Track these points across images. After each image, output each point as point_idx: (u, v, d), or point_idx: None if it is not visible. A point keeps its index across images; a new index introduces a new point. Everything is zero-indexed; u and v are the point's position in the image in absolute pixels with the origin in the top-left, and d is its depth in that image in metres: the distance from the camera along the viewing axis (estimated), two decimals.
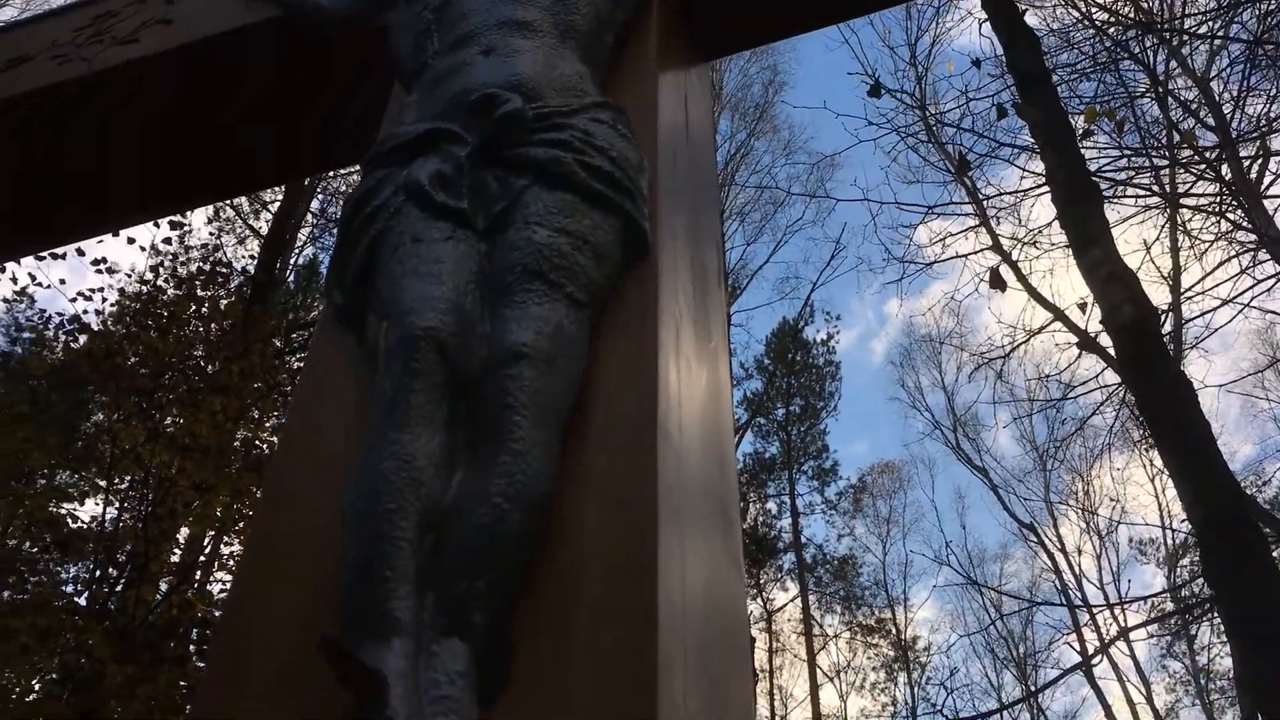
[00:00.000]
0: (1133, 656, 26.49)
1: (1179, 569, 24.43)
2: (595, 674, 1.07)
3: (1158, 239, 13.26)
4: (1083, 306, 7.65)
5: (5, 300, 10.27)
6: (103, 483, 9.72)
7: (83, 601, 8.68)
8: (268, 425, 10.38)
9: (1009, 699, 28.08)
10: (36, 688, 8.95)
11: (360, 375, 1.45)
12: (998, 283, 6.77)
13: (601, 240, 1.46)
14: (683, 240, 1.64)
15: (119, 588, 9.33)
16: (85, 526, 9.44)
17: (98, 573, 9.20)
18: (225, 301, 10.83)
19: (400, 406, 1.25)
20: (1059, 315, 14.25)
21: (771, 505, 27.58)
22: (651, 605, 1.09)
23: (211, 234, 15.45)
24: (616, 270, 1.46)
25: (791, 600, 27.22)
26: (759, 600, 27.17)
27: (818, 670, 26.50)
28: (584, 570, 1.17)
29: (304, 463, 1.44)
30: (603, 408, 1.33)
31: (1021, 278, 15.04)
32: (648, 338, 1.39)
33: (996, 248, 15.01)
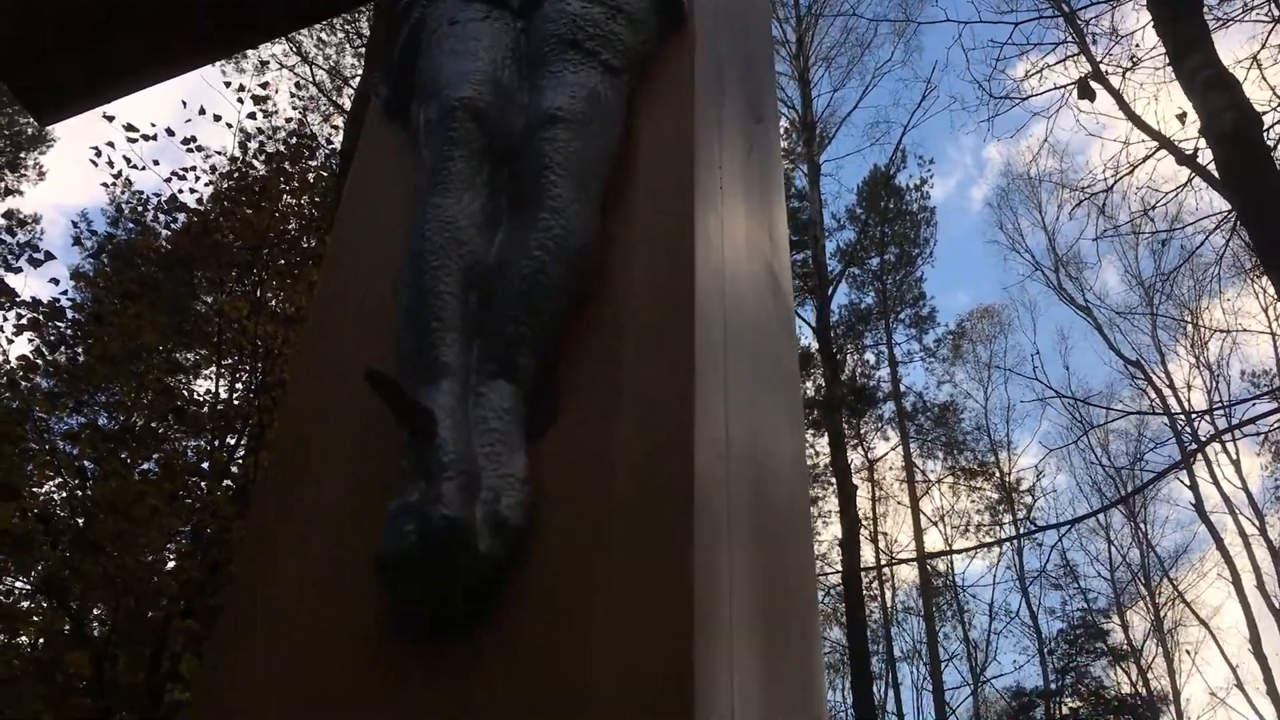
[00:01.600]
0: (1246, 491, 26.12)
1: None
2: (638, 411, 1.10)
3: (1264, 46, 12.50)
4: (1181, 118, 7.30)
5: (104, 185, 10.56)
6: (214, 359, 10.10)
7: (205, 467, 9.13)
8: None
9: (1117, 534, 28.02)
10: (171, 550, 9.51)
11: (407, 168, 1.47)
12: (1086, 92, 6.51)
13: (636, 7, 1.45)
14: (723, 11, 1.62)
15: (239, 456, 9.78)
16: (201, 400, 9.86)
17: (216, 442, 9.63)
18: (313, 175, 10.99)
19: (440, 174, 1.28)
20: (1162, 141, 13.64)
21: (870, 356, 27.48)
22: (689, 339, 1.12)
23: (295, 109, 15.57)
24: (652, 38, 1.46)
25: (893, 449, 27.36)
26: (860, 449, 27.31)
27: (921, 516, 26.73)
28: (625, 325, 1.19)
29: (350, 261, 1.47)
30: (641, 173, 1.34)
31: (1123, 104, 14.42)
32: (684, 105, 1.39)
33: (1096, 74, 14.33)
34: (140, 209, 10.56)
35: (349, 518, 1.15)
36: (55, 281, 13.50)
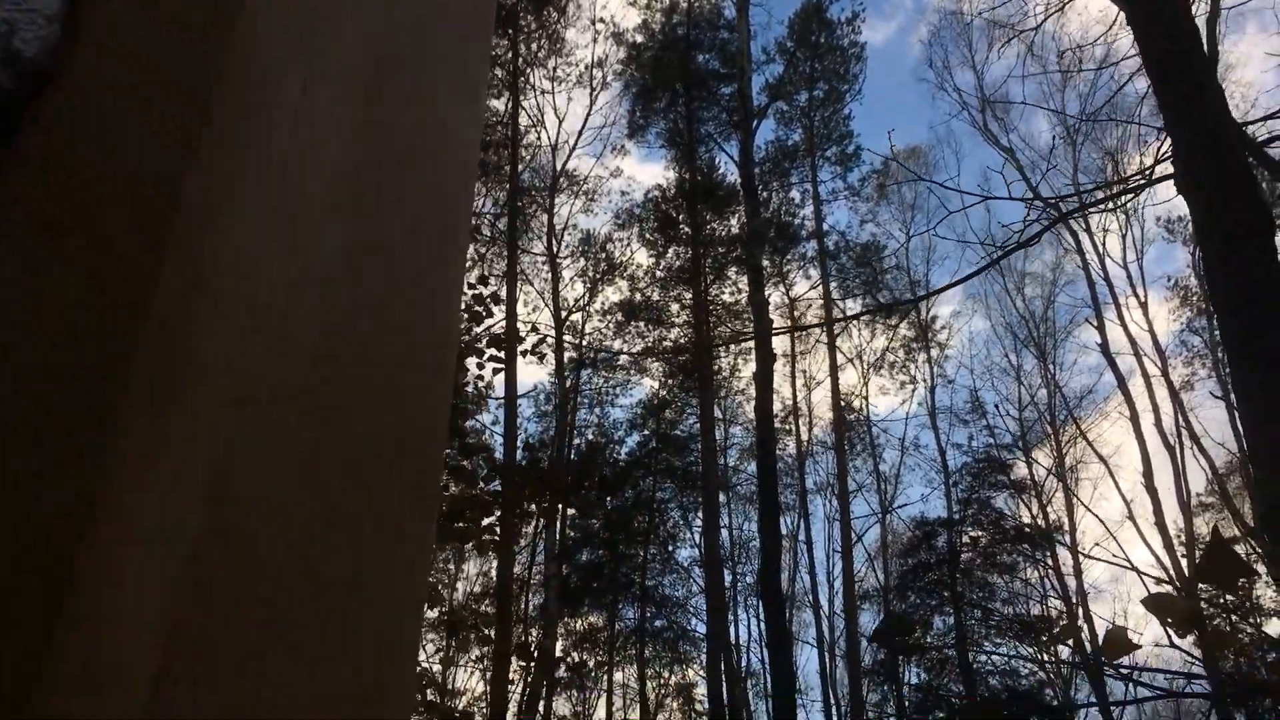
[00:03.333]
0: (1152, 333, 26.88)
1: None
2: None
3: None
4: None
5: None
6: None
7: None
8: None
9: (1028, 376, 28.80)
10: None
11: None
12: None
13: None
14: None
15: None
16: None
17: None
18: None
19: None
20: None
21: (794, 194, 27.39)
22: None
23: None
24: None
25: (813, 287, 27.56)
26: (781, 287, 27.53)
27: (838, 353, 27.18)
28: None
29: None
30: None
31: None
32: None
33: None
34: None
35: None
36: None
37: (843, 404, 27.16)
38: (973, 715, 24.16)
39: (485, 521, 7.78)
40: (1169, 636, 2.80)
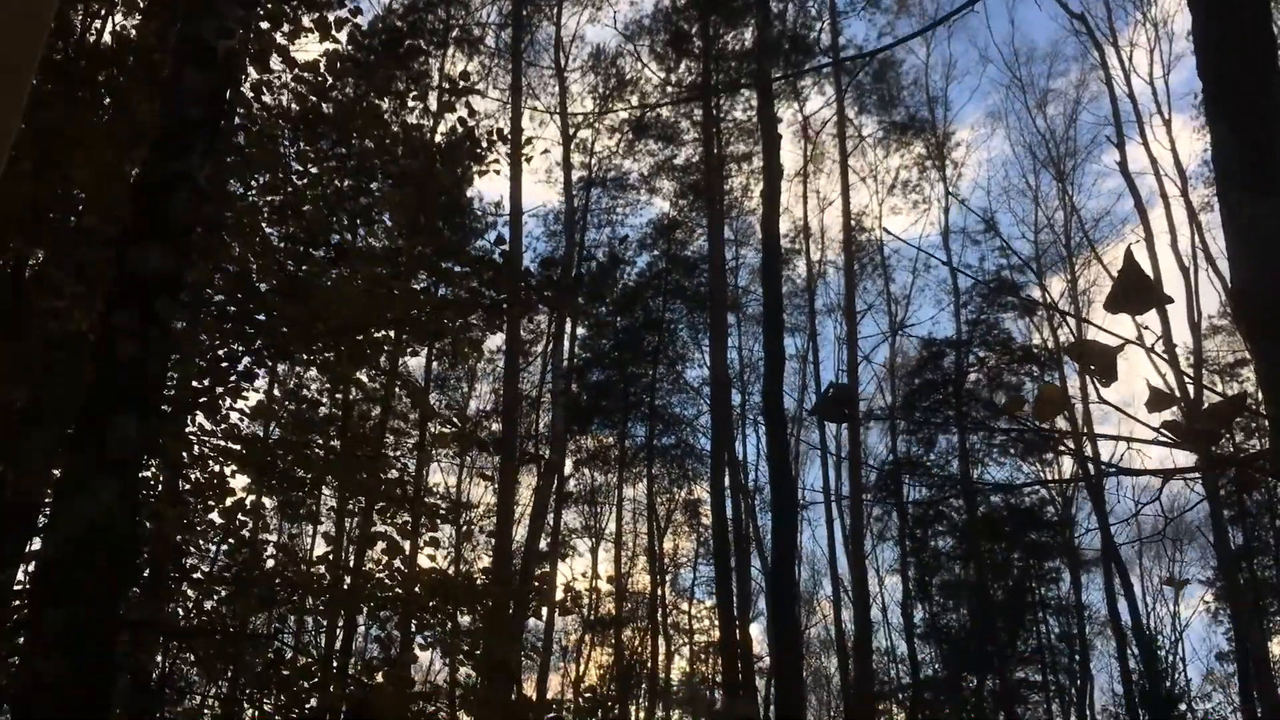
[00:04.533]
0: (1174, 152, 26.18)
1: None
2: None
3: None
4: None
5: None
6: None
7: None
8: None
9: (1045, 198, 28.29)
10: None
11: None
12: None
13: None
14: None
15: None
16: None
17: None
18: None
19: None
20: None
21: (811, 5, 26.36)
22: None
23: None
24: None
25: (827, 103, 26.84)
26: (795, 104, 26.83)
27: (849, 172, 26.64)
28: None
29: None
30: None
31: None
32: None
33: None
34: None
35: None
36: None
37: (854, 224, 26.79)
38: (974, 530, 24.69)
39: (461, 322, 7.70)
40: (1096, 389, 2.71)
